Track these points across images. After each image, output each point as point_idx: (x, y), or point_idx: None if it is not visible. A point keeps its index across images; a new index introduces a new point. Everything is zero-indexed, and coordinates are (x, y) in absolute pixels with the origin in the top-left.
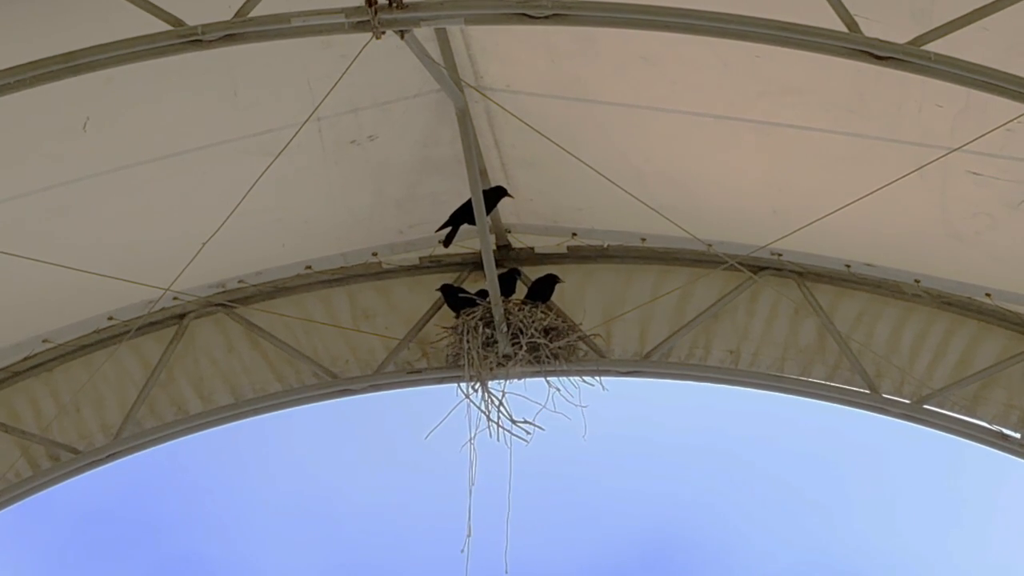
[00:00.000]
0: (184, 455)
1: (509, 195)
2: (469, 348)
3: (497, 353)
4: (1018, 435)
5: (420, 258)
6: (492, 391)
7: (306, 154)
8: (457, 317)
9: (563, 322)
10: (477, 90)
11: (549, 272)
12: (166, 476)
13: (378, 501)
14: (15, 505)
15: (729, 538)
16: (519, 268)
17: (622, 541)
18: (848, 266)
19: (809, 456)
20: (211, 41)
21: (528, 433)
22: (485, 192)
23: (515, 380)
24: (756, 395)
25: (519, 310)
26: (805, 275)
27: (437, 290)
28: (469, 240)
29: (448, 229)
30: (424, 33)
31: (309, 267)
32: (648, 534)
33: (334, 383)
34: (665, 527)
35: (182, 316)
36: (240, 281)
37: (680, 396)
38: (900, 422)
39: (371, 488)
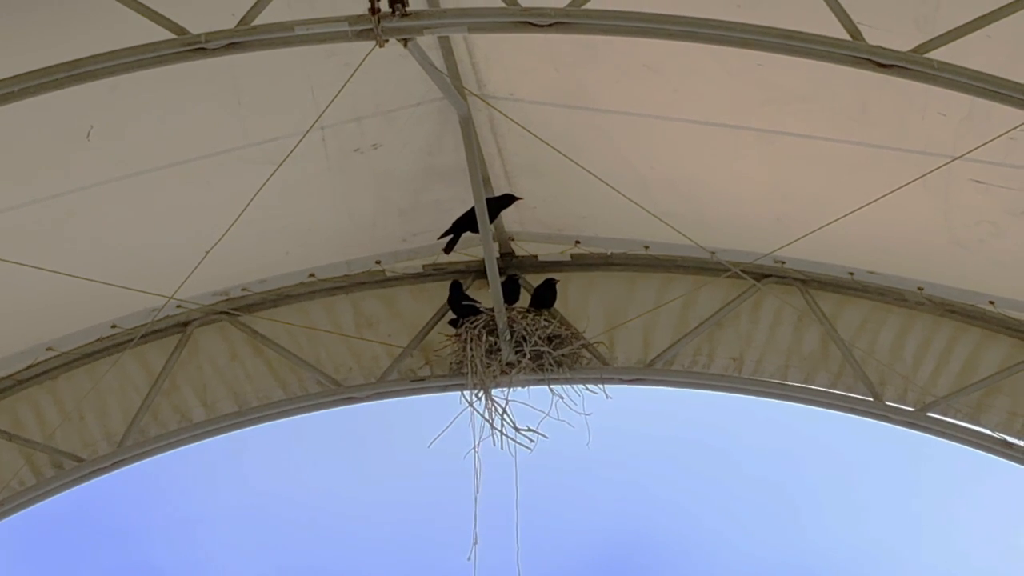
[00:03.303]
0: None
1: (518, 197)
2: (472, 356)
3: (500, 361)
4: (1022, 443)
5: (423, 266)
6: (496, 399)
7: (310, 162)
8: (457, 320)
9: (566, 330)
10: (480, 98)
11: (547, 277)
12: (134, 483)
13: (381, 510)
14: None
15: (703, 536)
16: (517, 273)
17: (594, 542)
18: (851, 274)
19: (780, 455)
20: (214, 49)
21: (532, 441)
22: (491, 200)
23: (518, 388)
24: (726, 395)
25: (522, 318)
26: (808, 283)
27: (451, 289)
28: (472, 248)
29: (450, 237)
30: (427, 41)
31: (313, 275)
32: (619, 534)
33: (337, 391)
34: (638, 526)
35: (186, 324)
36: (244, 289)
37: (653, 396)
38: (867, 423)
39: (374, 496)
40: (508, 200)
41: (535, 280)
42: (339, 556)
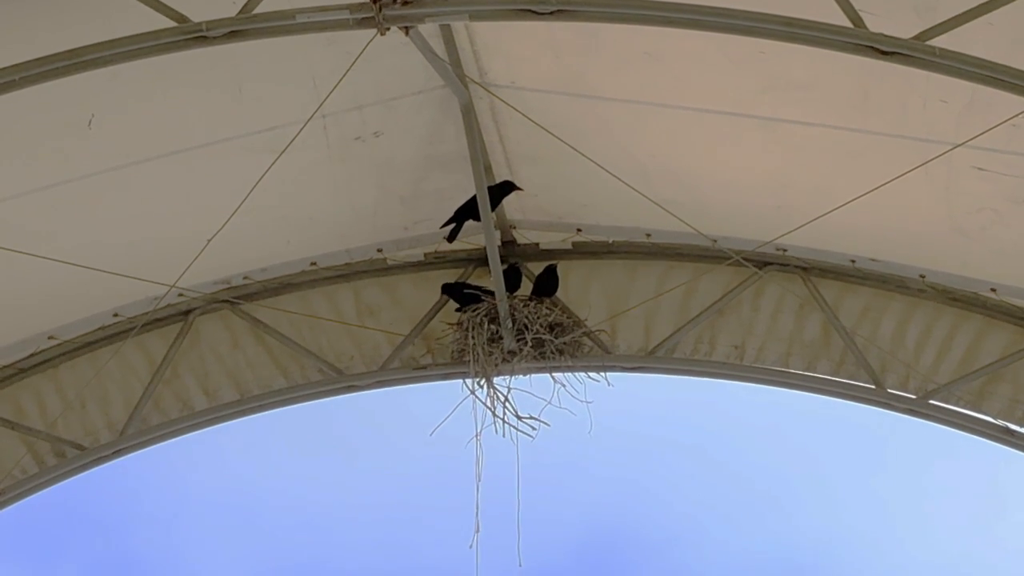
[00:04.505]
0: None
1: (518, 188)
2: (474, 344)
3: (502, 349)
4: (1023, 430)
5: (425, 254)
6: (497, 387)
7: (311, 151)
8: (460, 311)
9: (568, 318)
10: (482, 86)
11: (548, 264)
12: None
13: (382, 499)
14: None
15: (684, 528)
16: (519, 262)
17: (580, 532)
18: (853, 261)
19: (762, 449)
20: (215, 38)
21: (533, 429)
22: (492, 188)
23: (520, 376)
24: (709, 385)
25: (524, 306)
26: (810, 270)
27: (443, 293)
28: (474, 236)
29: (452, 225)
30: (428, 29)
31: (314, 263)
32: (605, 524)
33: (339, 379)
34: (623, 515)
35: (187, 313)
36: (245, 277)
37: (636, 387)
38: (846, 415)
39: (375, 486)
40: (508, 187)
41: (536, 268)
42: (339, 548)
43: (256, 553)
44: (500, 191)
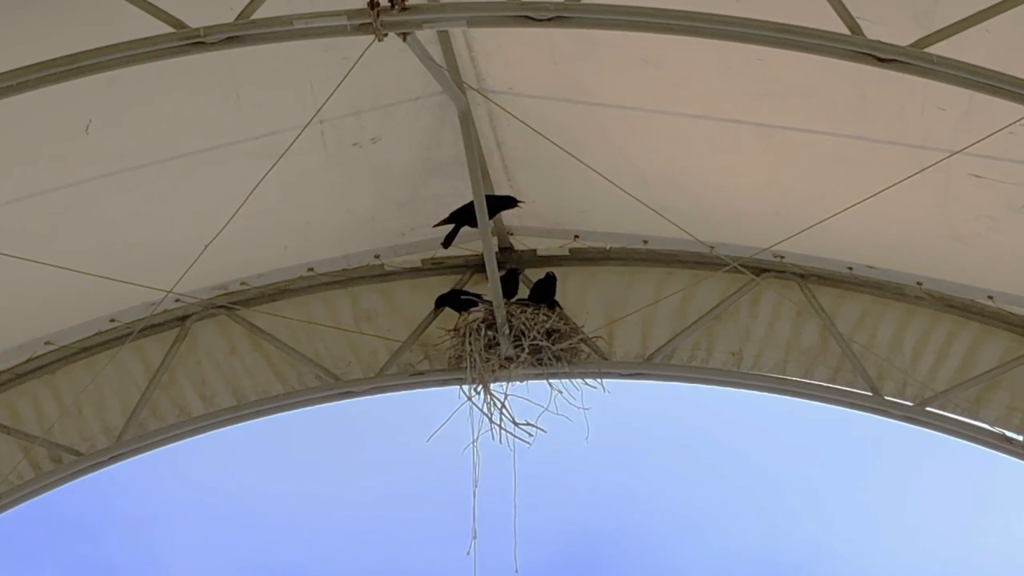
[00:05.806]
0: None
1: (520, 201)
2: (471, 350)
3: (499, 355)
4: (1021, 438)
5: (422, 260)
6: (494, 393)
7: (308, 156)
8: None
9: (565, 324)
10: (479, 92)
11: (548, 272)
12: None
13: (377, 504)
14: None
15: (675, 531)
16: (518, 268)
17: (561, 537)
18: (850, 268)
19: (750, 452)
20: (213, 43)
21: (530, 435)
22: (492, 198)
23: (517, 382)
24: (698, 391)
25: (521, 312)
26: (807, 277)
27: (436, 307)
28: (471, 242)
29: (448, 226)
30: (426, 35)
31: (311, 269)
32: (589, 527)
33: (336, 385)
34: (610, 520)
35: (184, 318)
36: (242, 283)
37: (628, 391)
38: (834, 420)
39: (371, 491)
40: (509, 202)
41: (534, 274)
42: (332, 554)
43: (243, 560)
44: (499, 203)
